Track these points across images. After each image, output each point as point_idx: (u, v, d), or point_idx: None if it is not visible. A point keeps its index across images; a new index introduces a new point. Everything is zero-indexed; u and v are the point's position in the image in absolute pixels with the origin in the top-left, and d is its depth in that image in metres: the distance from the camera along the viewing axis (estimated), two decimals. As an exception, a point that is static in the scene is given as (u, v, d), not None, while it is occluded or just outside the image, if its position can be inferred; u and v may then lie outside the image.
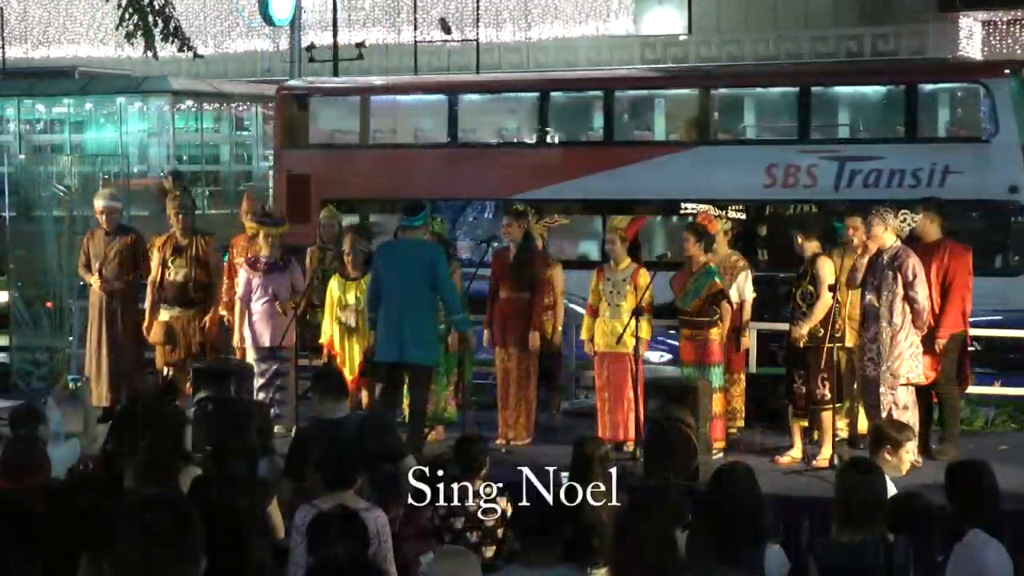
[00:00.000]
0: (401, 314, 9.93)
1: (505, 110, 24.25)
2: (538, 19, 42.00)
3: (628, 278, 10.50)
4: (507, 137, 23.37)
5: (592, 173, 20.76)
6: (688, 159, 20.44)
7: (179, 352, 11.32)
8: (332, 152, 23.19)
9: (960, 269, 10.20)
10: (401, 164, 22.01)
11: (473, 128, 23.17)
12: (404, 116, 24.59)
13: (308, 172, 22.21)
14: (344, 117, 24.09)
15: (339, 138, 23.90)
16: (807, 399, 9.94)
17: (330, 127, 24.28)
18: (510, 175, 21.06)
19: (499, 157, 22.04)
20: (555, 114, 22.27)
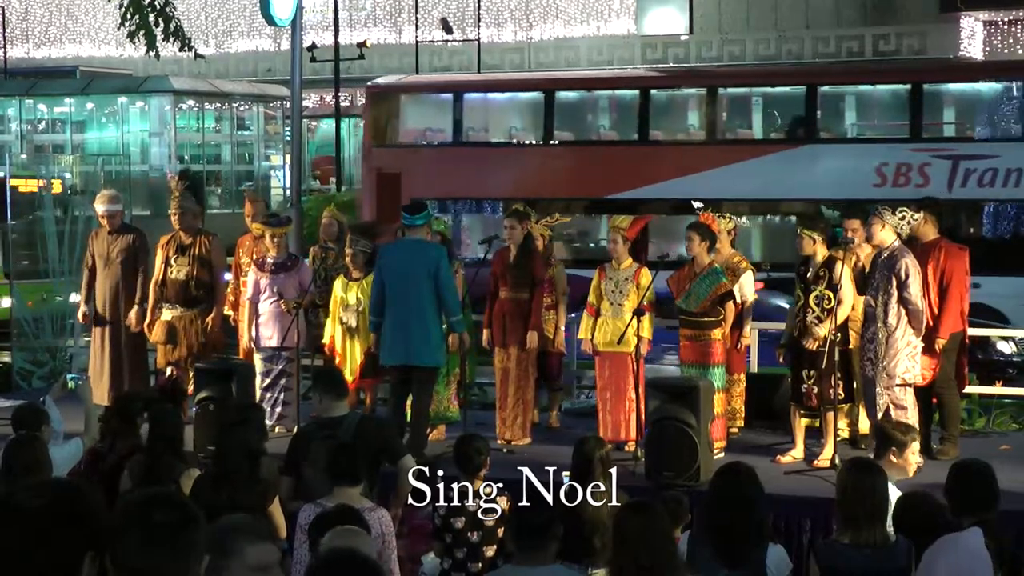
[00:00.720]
0: (407, 316, 9.91)
1: (602, 108, 23.66)
2: (539, 19, 41.99)
3: (630, 277, 10.49)
4: (604, 135, 22.82)
5: (691, 172, 20.26)
6: (791, 158, 19.96)
7: (180, 351, 11.32)
8: (423, 151, 22.64)
9: (957, 269, 10.21)
10: (495, 163, 21.52)
11: (569, 126, 22.64)
12: (498, 113, 23.97)
13: (398, 171, 21.72)
14: (435, 114, 23.53)
15: (430, 136, 23.33)
16: (820, 399, 9.92)
17: (421, 125, 23.70)
18: (607, 174, 20.58)
19: (596, 156, 21.54)
20: (654, 112, 21.68)
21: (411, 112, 23.58)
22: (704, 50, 39.38)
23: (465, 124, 22.61)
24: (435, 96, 24.21)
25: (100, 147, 31.67)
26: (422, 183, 21.02)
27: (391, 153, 22.25)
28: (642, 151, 20.91)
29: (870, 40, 37.45)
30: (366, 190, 22.74)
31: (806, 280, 10.04)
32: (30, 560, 2.96)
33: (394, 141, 22.63)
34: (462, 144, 22.30)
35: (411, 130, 23.30)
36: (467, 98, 22.93)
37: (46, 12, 46.91)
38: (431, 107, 24.04)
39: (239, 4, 44.25)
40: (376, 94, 23.35)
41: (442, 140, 22.82)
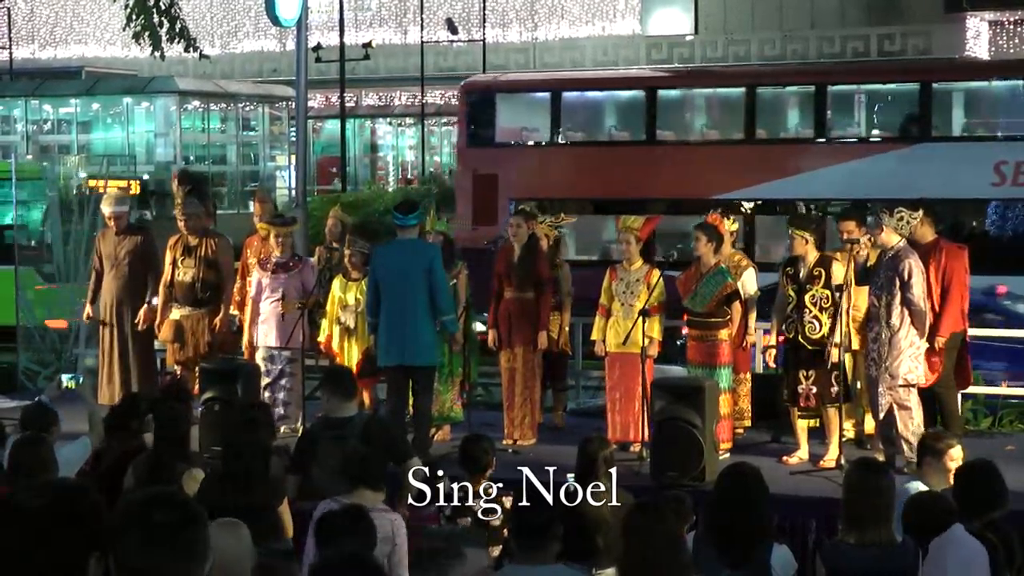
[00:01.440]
0: (402, 316, 9.92)
1: (707, 106, 23.16)
2: (544, 19, 42.00)
3: (642, 278, 10.47)
4: (709, 134, 22.25)
5: (800, 172, 19.72)
6: (904, 157, 19.51)
7: (188, 351, 11.35)
8: (520, 150, 22.12)
9: (957, 268, 10.22)
10: (595, 162, 21.04)
11: (672, 124, 22.11)
12: (598, 112, 23.48)
13: (495, 171, 21.25)
14: (533, 113, 23.04)
15: (528, 135, 22.80)
16: (818, 398, 9.91)
17: (518, 124, 23.16)
18: (712, 174, 20.05)
19: (700, 155, 20.96)
20: (762, 109, 21.18)
21: (507, 111, 22.91)
22: (709, 50, 39.38)
23: (564, 123, 22.03)
24: (532, 94, 23.57)
25: (105, 148, 31.70)
26: (519, 184, 20.59)
27: (487, 153, 21.68)
28: (746, 151, 20.35)
29: (875, 40, 37.44)
30: (461, 192, 22.13)
31: (799, 280, 10.01)
32: (31, 560, 2.96)
33: (490, 141, 22.04)
34: (561, 144, 21.72)
35: (507, 129, 22.63)
36: (566, 96, 22.33)
37: (52, 13, 46.97)
38: (528, 106, 23.40)
39: (244, 5, 44.28)
40: (470, 93, 22.65)
41: (540, 139, 22.21)
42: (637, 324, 10.18)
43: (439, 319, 10.05)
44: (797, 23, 38.68)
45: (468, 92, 22.73)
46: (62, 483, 3.27)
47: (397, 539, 6.14)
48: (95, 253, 12.02)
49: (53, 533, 2.98)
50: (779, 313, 10.18)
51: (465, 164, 22.22)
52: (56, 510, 3.01)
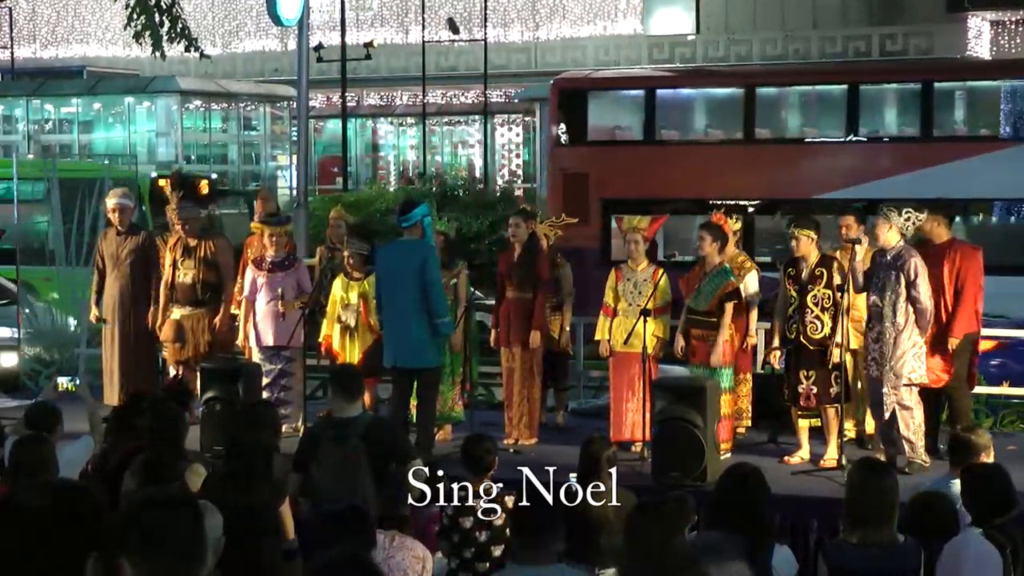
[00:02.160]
0: (400, 317, 9.93)
1: (807, 103, 22.55)
2: (546, 19, 42.00)
3: (648, 278, 10.47)
4: (809, 133, 21.74)
5: (908, 171, 19.07)
6: (1014, 156, 18.99)
7: (188, 350, 11.36)
8: (613, 149, 21.61)
9: (971, 270, 10.16)
10: (690, 162, 20.55)
11: (771, 123, 21.63)
12: (693, 110, 22.95)
13: (586, 171, 20.76)
14: (626, 111, 22.58)
15: (620, 134, 22.31)
16: (818, 398, 9.91)
17: (611, 122, 22.65)
18: (813, 173, 19.62)
19: (800, 154, 20.46)
20: (865, 107, 20.69)
21: (599, 109, 22.36)
22: (711, 50, 39.37)
23: (658, 121, 21.57)
24: (626, 92, 23.04)
25: (107, 147, 31.71)
26: (611, 183, 20.20)
27: (578, 152, 21.20)
28: (849, 149, 19.86)
29: (877, 40, 37.42)
30: (551, 192, 21.61)
31: (800, 280, 10.00)
32: (31, 560, 2.97)
33: (581, 140, 21.56)
34: (655, 142, 21.25)
35: (599, 128, 22.12)
36: (660, 94, 21.85)
37: (53, 12, 46.98)
38: (621, 104, 22.95)
39: (246, 4, 44.28)
40: (562, 90, 22.01)
41: (633, 138, 21.78)
42: (638, 324, 10.18)
43: (433, 321, 10.00)
44: (799, 23, 38.67)
45: (559, 90, 22.04)
46: (62, 483, 3.27)
47: (427, 564, 6.14)
48: (97, 253, 12.05)
49: (53, 533, 2.98)
50: (780, 314, 10.17)
51: (555, 163, 21.63)
52: (56, 510, 3.02)
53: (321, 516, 5.89)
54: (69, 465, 6.92)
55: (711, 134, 22.10)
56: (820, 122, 22.08)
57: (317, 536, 5.78)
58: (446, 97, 42.53)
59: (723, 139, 21.47)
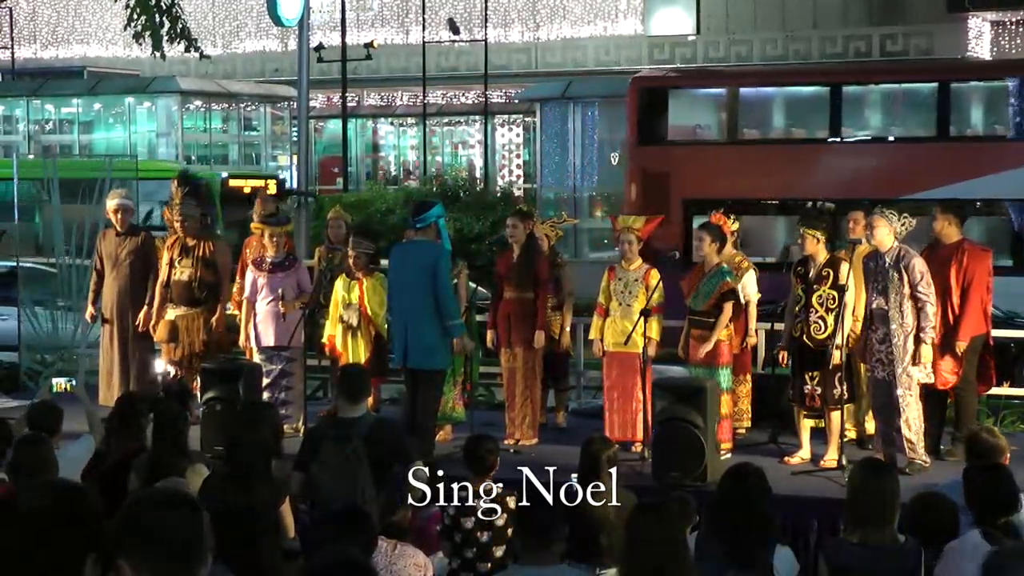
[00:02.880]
0: (406, 319, 9.92)
1: (895, 101, 22.04)
2: (546, 19, 42.01)
3: (640, 278, 10.48)
4: (897, 132, 21.21)
5: (996, 171, 18.55)
6: None
7: (182, 350, 11.34)
8: (694, 149, 21.22)
9: (979, 270, 10.12)
10: (774, 162, 20.16)
11: (857, 121, 21.23)
12: (777, 109, 22.52)
13: (666, 171, 20.35)
14: (708, 110, 22.26)
15: (701, 133, 22.03)
16: (823, 399, 9.90)
17: (691, 121, 22.34)
18: (902, 173, 19.11)
19: (889, 154, 20.00)
20: (955, 105, 20.12)
21: (680, 108, 21.95)
22: (711, 50, 39.38)
23: (740, 120, 21.23)
24: (707, 90, 22.69)
25: (107, 147, 31.72)
26: (693, 183, 19.83)
27: (658, 152, 20.76)
28: (940, 148, 19.37)
29: (877, 40, 37.43)
30: (629, 192, 21.15)
31: (807, 280, 10.00)
32: (31, 560, 2.97)
33: (661, 139, 21.14)
34: (737, 142, 20.86)
35: (680, 127, 21.76)
36: (743, 92, 21.48)
37: (54, 13, 46.99)
38: (702, 102, 22.59)
39: (246, 5, 44.30)
40: (641, 88, 21.49)
41: (715, 137, 21.48)
42: (639, 324, 10.18)
43: (444, 323, 9.98)
44: (799, 23, 38.68)
45: (638, 88, 21.53)
46: (62, 483, 3.27)
47: (427, 571, 6.14)
48: (96, 253, 12.06)
49: (53, 533, 2.98)
50: (790, 313, 10.18)
51: (635, 163, 21.14)
52: (56, 510, 3.01)
53: (321, 516, 5.89)
54: (71, 465, 6.92)
55: (795, 133, 21.73)
56: (907, 121, 21.66)
57: (317, 536, 5.78)
58: (446, 97, 42.54)
59: (807, 138, 21.07)
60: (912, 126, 21.23)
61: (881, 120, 21.80)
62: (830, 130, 20.31)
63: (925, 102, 20.62)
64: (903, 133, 21.05)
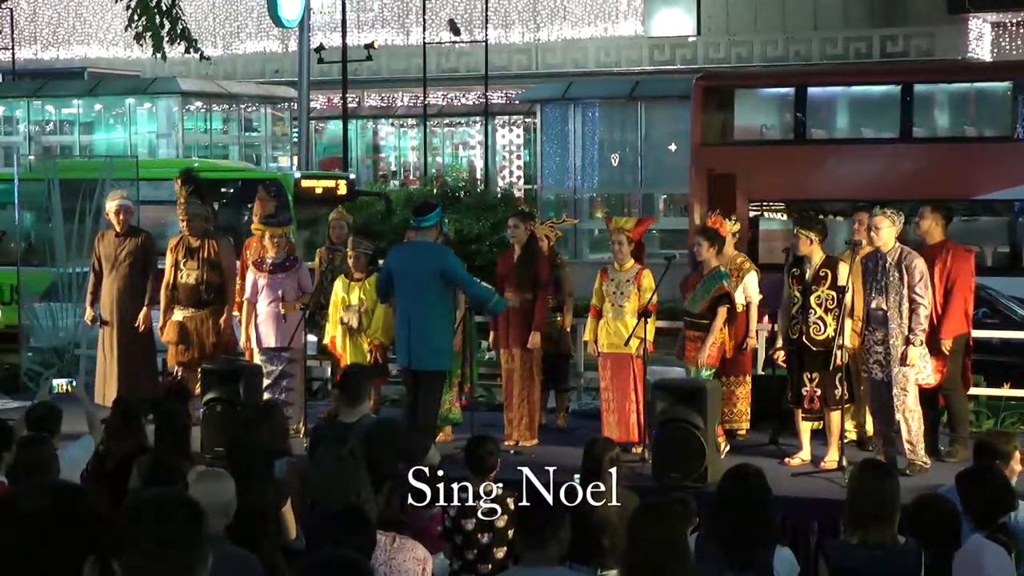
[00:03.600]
0: (410, 318, 9.91)
1: (969, 101, 21.81)
2: (547, 20, 42.01)
3: (632, 279, 10.50)
4: (967, 132, 21.01)
5: None
6: None
7: (192, 352, 11.33)
8: (760, 149, 20.99)
9: (962, 271, 10.17)
10: (842, 162, 19.94)
11: (927, 121, 21.07)
12: (846, 108, 22.36)
13: (732, 171, 20.14)
14: (774, 110, 22.06)
15: (768, 133, 21.80)
16: (823, 401, 9.90)
17: (757, 121, 22.12)
18: (974, 173, 19.00)
19: (962, 153, 19.70)
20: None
21: (746, 107, 21.82)
22: (712, 51, 39.37)
23: (808, 120, 21.03)
24: (774, 90, 22.51)
25: (108, 148, 31.70)
26: (759, 184, 19.72)
27: (723, 152, 20.60)
28: (1011, 148, 19.17)
29: (878, 41, 37.42)
30: (695, 193, 20.95)
31: (804, 281, 9.99)
32: (30, 561, 2.97)
33: (727, 139, 21.03)
34: (805, 142, 20.65)
35: (746, 127, 21.61)
36: (811, 92, 21.29)
37: (54, 14, 47.00)
38: (769, 101, 22.40)
39: (247, 6, 44.31)
40: (706, 88, 21.35)
41: (782, 137, 21.24)
42: (638, 326, 10.19)
43: (486, 308, 10.10)
44: (800, 24, 38.68)
45: (703, 88, 21.38)
46: (61, 484, 3.27)
47: (426, 565, 6.14)
48: (93, 254, 12.02)
49: (52, 534, 2.98)
50: (784, 314, 10.16)
51: (699, 163, 20.89)
52: (55, 511, 3.01)
53: (319, 517, 5.89)
54: (70, 465, 6.92)
55: (864, 132, 21.53)
56: (980, 120, 21.41)
57: (316, 537, 5.78)
58: (447, 98, 42.53)
59: (877, 138, 20.87)
60: (984, 126, 20.92)
61: (954, 120, 21.48)
62: (901, 129, 20.06)
63: (997, 101, 20.34)
64: (975, 133, 20.74)
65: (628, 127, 32.16)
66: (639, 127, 31.16)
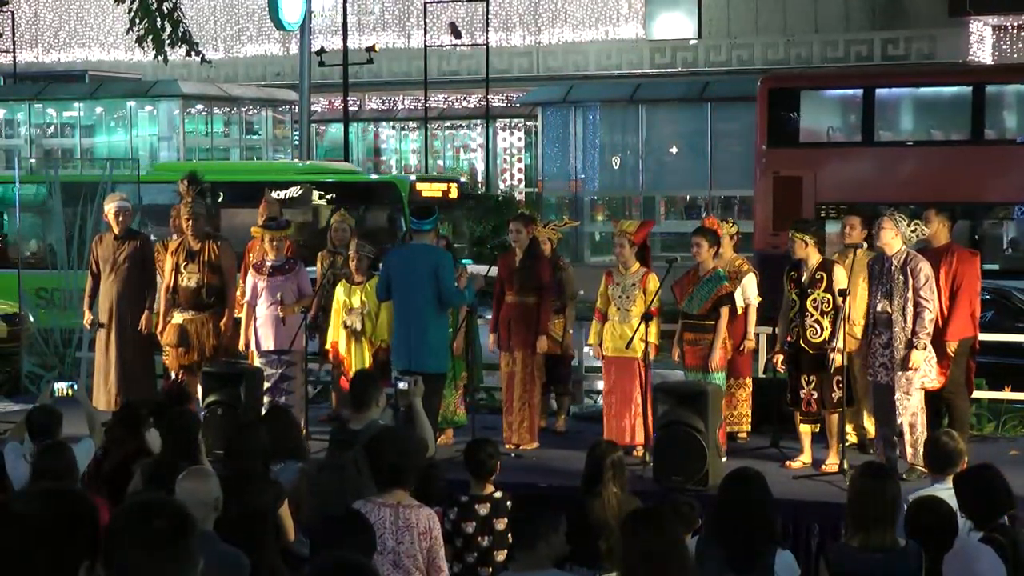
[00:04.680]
0: (408, 320, 9.91)
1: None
2: (547, 23, 42.02)
3: (637, 283, 10.48)
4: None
5: None
6: None
7: (193, 355, 11.26)
8: (828, 151, 20.74)
9: (968, 273, 10.17)
10: (913, 165, 19.72)
11: (1003, 122, 20.80)
12: (916, 110, 22.08)
13: (798, 174, 19.98)
14: (842, 111, 21.84)
15: (836, 135, 21.58)
16: (821, 404, 9.90)
17: (824, 123, 21.89)
18: None
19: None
20: None
21: (813, 108, 21.59)
22: (713, 54, 39.38)
23: (877, 121, 20.83)
24: (842, 91, 22.24)
25: (109, 151, 31.75)
26: (827, 187, 19.50)
27: (790, 154, 20.38)
28: None
29: (879, 44, 37.43)
30: (760, 196, 20.82)
31: (801, 284, 10.00)
32: (27, 564, 2.97)
33: (793, 141, 20.75)
34: (874, 144, 20.43)
35: (813, 129, 21.37)
36: (880, 93, 21.09)
37: (55, 17, 47.02)
38: (837, 103, 22.17)
39: (248, 9, 44.33)
40: (772, 89, 21.10)
41: (850, 139, 21.02)
42: (640, 329, 10.17)
43: (452, 306, 10.08)
44: (801, 27, 38.68)
45: (769, 89, 20.97)
46: (58, 490, 3.27)
47: (433, 531, 6.17)
48: (91, 257, 11.93)
49: (48, 539, 2.98)
50: (783, 317, 10.17)
51: (765, 166, 20.70)
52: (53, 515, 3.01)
53: (323, 520, 5.89)
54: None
55: (934, 134, 21.35)
56: None
57: (319, 540, 5.78)
58: (448, 101, 42.54)
59: (948, 140, 20.66)
60: None
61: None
62: (972, 131, 19.82)
63: None
64: None
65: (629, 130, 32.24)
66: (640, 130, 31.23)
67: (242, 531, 5.50)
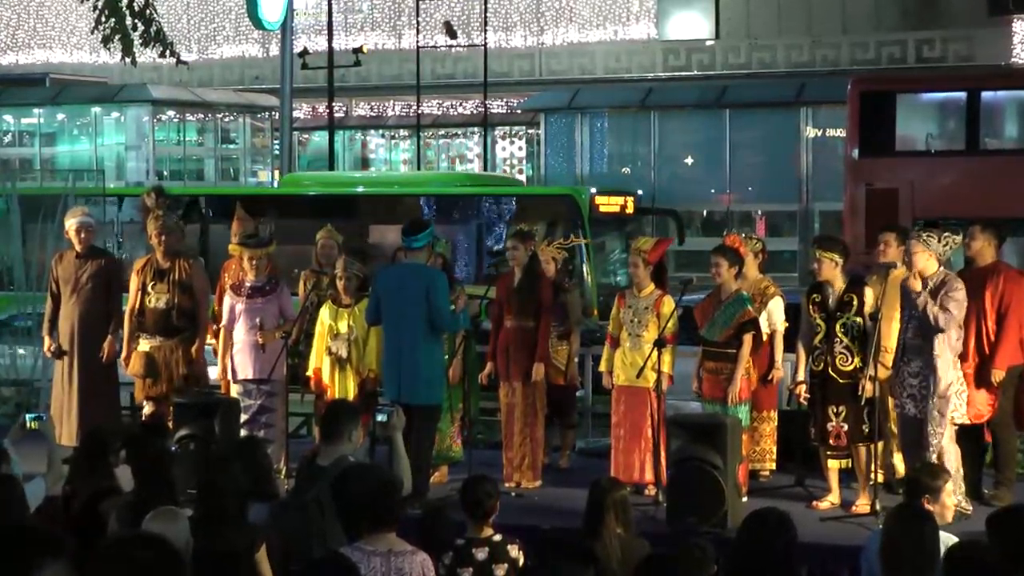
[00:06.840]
0: (398, 350, 9.89)
1: None
2: (551, 23, 42.13)
3: (651, 306, 10.44)
4: None
5: None
6: None
7: (161, 385, 11.15)
8: (928, 161, 20.50)
9: (1016, 294, 10.06)
10: (1022, 175, 19.38)
11: None
12: (1021, 115, 21.87)
13: (894, 186, 19.75)
14: (942, 116, 21.77)
15: (936, 143, 21.42)
16: (849, 436, 9.85)
17: (922, 129, 21.73)
18: None
19: None
20: None
21: (910, 114, 21.42)
22: (731, 56, 39.47)
23: (983, 128, 20.65)
24: (944, 94, 22.07)
25: (72, 161, 31.77)
26: (926, 200, 19.26)
27: (884, 164, 20.22)
28: None
29: (913, 45, 37.52)
30: (850, 209, 20.60)
31: (827, 308, 9.96)
32: None
33: (888, 150, 20.61)
34: (978, 152, 20.26)
35: (909, 136, 21.27)
36: (986, 96, 20.80)
37: (14, 15, 47.13)
38: (937, 108, 22.12)
39: (224, 6, 44.45)
40: (864, 92, 20.85)
41: (952, 147, 20.84)
42: (652, 356, 10.14)
43: (447, 331, 10.07)
44: (827, 28, 38.78)
45: (860, 93, 20.73)
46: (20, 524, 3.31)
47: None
48: (50, 277, 11.76)
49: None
50: (804, 344, 10.12)
51: (856, 177, 20.46)
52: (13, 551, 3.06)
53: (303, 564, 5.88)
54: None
55: None
56: None
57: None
58: (442, 107, 42.63)
59: None
60: None
61: None
62: None
63: None
64: None
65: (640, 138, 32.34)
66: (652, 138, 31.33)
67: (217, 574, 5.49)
